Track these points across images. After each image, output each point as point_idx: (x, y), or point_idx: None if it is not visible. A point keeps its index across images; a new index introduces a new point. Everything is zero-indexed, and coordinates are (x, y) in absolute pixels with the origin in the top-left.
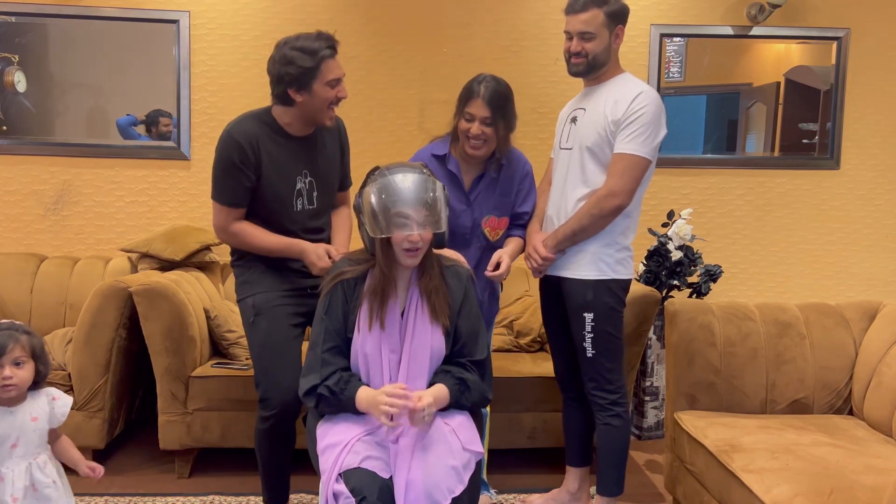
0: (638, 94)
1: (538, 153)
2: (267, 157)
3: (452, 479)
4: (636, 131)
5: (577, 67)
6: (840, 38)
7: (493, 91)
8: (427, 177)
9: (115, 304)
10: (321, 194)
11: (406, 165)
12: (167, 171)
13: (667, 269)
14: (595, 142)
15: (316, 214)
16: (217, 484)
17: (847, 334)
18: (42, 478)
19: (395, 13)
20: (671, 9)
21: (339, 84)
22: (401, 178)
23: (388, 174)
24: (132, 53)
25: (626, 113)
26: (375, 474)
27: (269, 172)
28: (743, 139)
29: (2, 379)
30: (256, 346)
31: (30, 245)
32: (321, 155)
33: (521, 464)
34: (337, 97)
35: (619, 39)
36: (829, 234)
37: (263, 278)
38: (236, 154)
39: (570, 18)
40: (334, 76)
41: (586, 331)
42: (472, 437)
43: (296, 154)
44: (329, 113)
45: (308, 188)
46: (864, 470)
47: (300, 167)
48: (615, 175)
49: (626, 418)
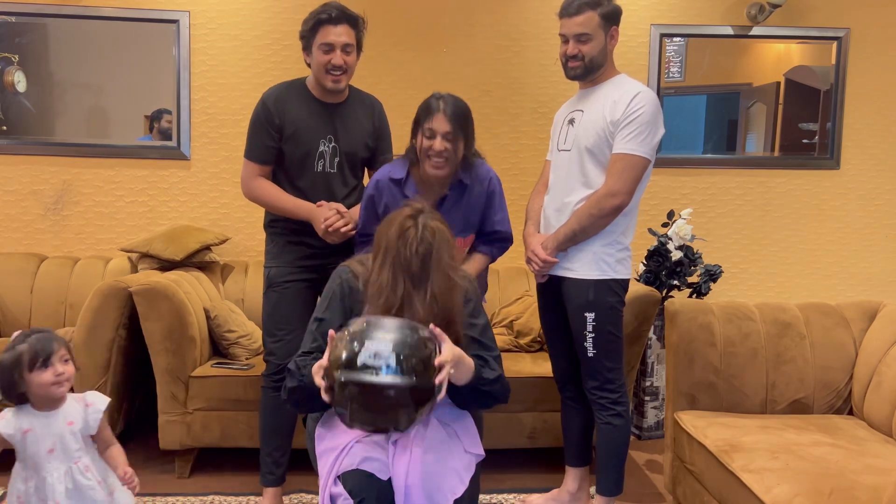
0: (635, 94)
1: (538, 153)
2: (291, 117)
3: (454, 481)
4: (634, 131)
5: (575, 71)
6: (840, 38)
7: (454, 106)
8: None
9: (115, 304)
10: (343, 161)
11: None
12: (167, 171)
13: (667, 269)
14: (594, 143)
15: (336, 181)
16: (217, 484)
17: (847, 334)
18: (84, 481)
19: (395, 13)
20: (671, 9)
21: (331, 50)
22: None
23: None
24: (132, 53)
25: (625, 113)
26: (374, 476)
27: (292, 131)
28: (743, 139)
29: (56, 376)
30: (265, 314)
31: (30, 245)
32: (348, 123)
33: (521, 464)
34: (330, 63)
35: (614, 40)
36: (829, 234)
37: (284, 252)
38: (262, 113)
39: (565, 21)
40: (325, 41)
41: (587, 330)
42: (474, 439)
43: (321, 117)
44: (328, 78)
45: (331, 153)
46: (864, 470)
47: (325, 130)
48: (614, 175)
49: (627, 418)
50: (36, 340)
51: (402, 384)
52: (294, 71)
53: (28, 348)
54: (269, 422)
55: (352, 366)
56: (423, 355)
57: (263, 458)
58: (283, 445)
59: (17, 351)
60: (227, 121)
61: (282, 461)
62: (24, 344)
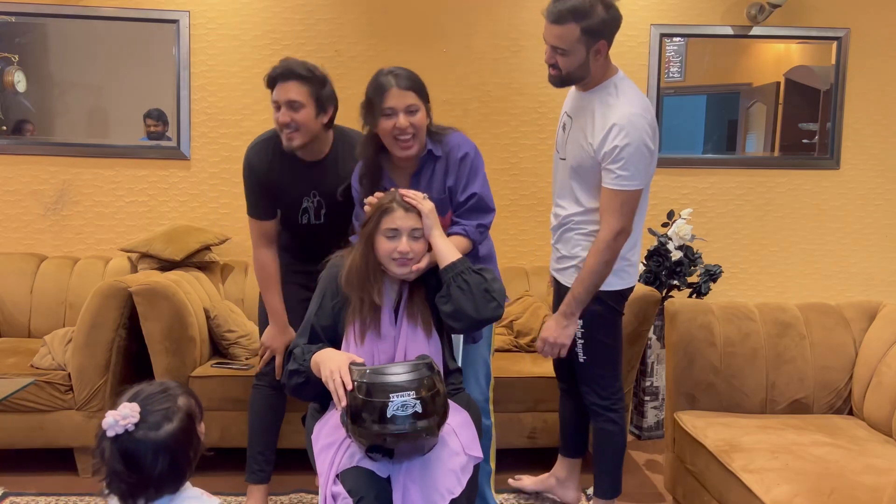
0: (614, 124)
1: (538, 153)
2: (273, 177)
3: (451, 480)
4: (623, 167)
5: (553, 80)
6: (840, 38)
7: (406, 76)
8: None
9: (115, 304)
10: (330, 211)
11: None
12: (167, 171)
13: (667, 269)
14: (579, 164)
15: (324, 230)
16: (217, 484)
17: (847, 334)
18: None
19: (396, 13)
20: (671, 9)
21: (279, 109)
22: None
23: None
24: (132, 53)
25: (610, 150)
26: (373, 473)
27: (276, 190)
28: (743, 139)
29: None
30: (261, 314)
31: (30, 245)
32: (331, 178)
33: (521, 464)
34: (278, 121)
35: (600, 55)
36: (829, 234)
37: (280, 256)
38: (247, 173)
39: (547, 26)
40: (273, 98)
41: (577, 337)
42: (472, 440)
43: (302, 175)
44: (283, 136)
45: (316, 206)
46: (864, 470)
47: (306, 188)
48: (614, 212)
49: (622, 424)
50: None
51: (433, 424)
52: None
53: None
54: (259, 420)
55: (383, 420)
56: (439, 389)
57: (253, 455)
58: (271, 443)
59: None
60: (227, 121)
61: (270, 459)
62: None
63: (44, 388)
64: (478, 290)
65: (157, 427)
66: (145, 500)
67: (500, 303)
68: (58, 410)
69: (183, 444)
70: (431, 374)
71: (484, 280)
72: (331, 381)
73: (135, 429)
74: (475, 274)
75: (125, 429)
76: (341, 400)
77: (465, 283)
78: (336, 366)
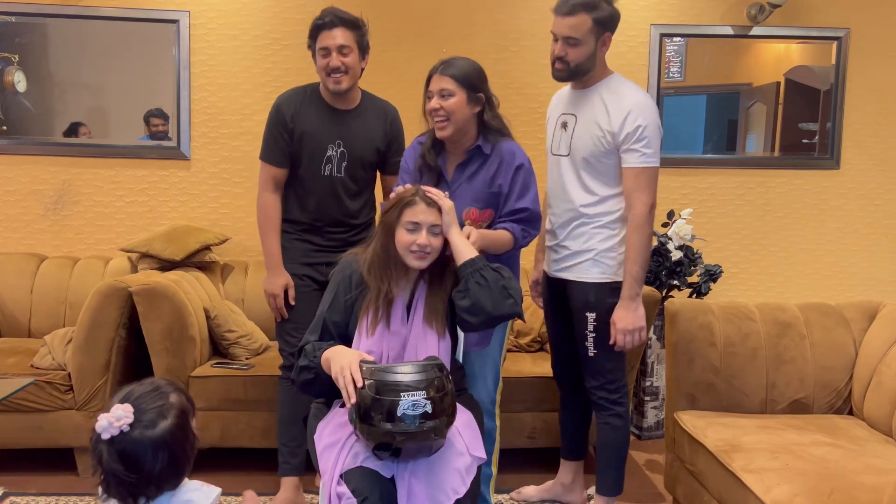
0: (631, 108)
1: (538, 153)
2: (301, 120)
3: (456, 480)
4: (646, 145)
5: (560, 73)
6: (840, 38)
7: (451, 64)
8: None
9: (115, 304)
10: (350, 165)
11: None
12: (167, 171)
13: (667, 269)
14: (591, 152)
15: (342, 185)
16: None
17: (847, 334)
18: None
19: (395, 13)
20: (671, 9)
21: (328, 54)
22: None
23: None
24: (132, 53)
25: (630, 128)
26: (377, 474)
27: (302, 134)
28: (743, 139)
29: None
30: (279, 328)
31: (30, 245)
32: (357, 129)
33: (521, 464)
34: (329, 66)
35: (605, 47)
36: (829, 234)
37: (294, 247)
38: (275, 116)
39: (557, 20)
40: (323, 45)
41: (588, 330)
42: (476, 440)
43: (331, 122)
44: (329, 80)
45: (338, 157)
46: (864, 470)
47: (333, 135)
48: (644, 188)
49: (626, 418)
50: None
51: (442, 425)
52: (294, 71)
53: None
54: (286, 412)
55: (392, 419)
56: (448, 390)
57: (280, 448)
58: (297, 436)
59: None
60: (227, 121)
61: (298, 451)
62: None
63: (44, 388)
64: (496, 286)
65: (153, 425)
66: (146, 498)
67: (518, 300)
68: (58, 410)
69: (180, 440)
70: (441, 375)
71: (501, 277)
72: (341, 378)
73: (130, 429)
74: (493, 271)
75: (120, 430)
76: (351, 397)
77: (483, 278)
78: (347, 363)
